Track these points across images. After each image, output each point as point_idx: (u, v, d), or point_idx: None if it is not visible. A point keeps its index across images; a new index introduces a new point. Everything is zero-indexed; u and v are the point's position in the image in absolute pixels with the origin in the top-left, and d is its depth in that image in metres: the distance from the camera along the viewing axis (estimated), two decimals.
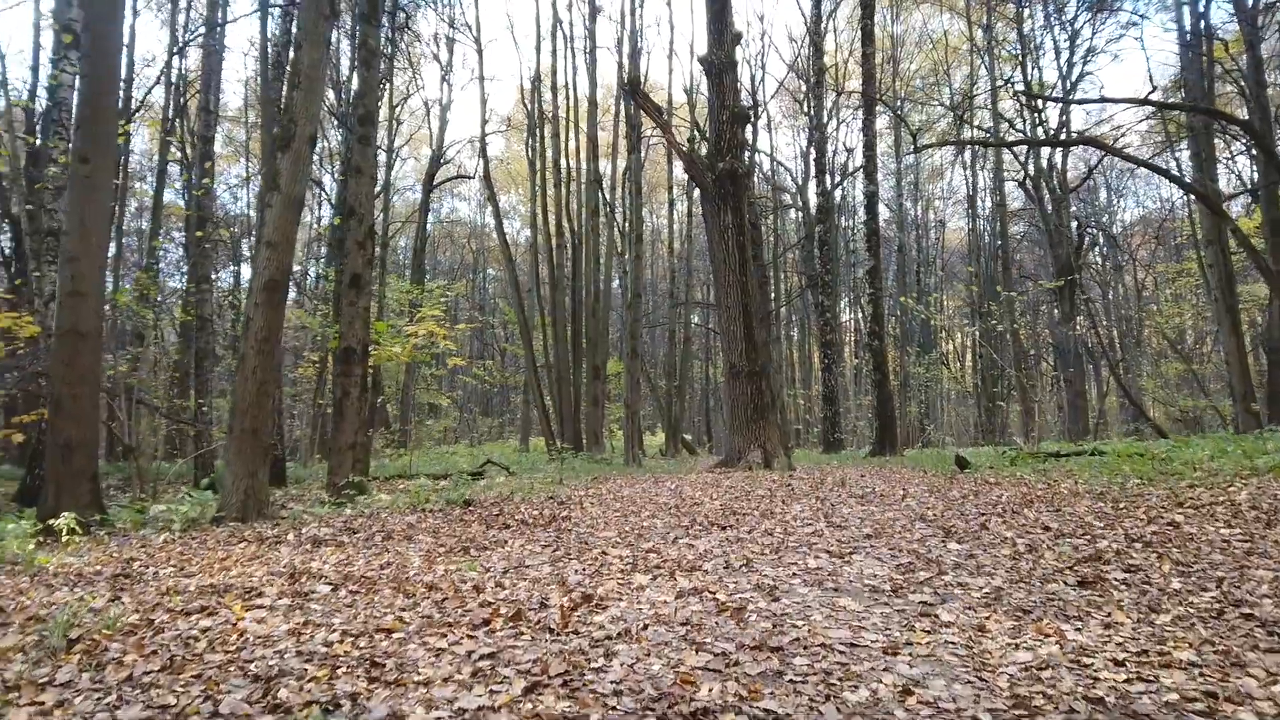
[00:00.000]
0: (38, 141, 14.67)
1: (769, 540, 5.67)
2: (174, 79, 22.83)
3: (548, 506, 8.38)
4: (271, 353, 7.70)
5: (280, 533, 6.48)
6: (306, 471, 17.91)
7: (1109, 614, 3.80)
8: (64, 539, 6.31)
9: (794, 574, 4.58)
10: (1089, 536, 5.49)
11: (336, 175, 25.52)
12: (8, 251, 16.25)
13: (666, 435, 29.39)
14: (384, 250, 26.55)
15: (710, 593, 4.18)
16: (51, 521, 6.50)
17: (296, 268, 26.15)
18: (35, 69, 17.87)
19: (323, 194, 29.46)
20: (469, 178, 38.33)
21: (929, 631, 3.58)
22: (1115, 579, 4.36)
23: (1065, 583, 4.34)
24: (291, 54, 8.68)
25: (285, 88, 8.76)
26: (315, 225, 32.08)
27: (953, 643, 3.44)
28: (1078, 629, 3.60)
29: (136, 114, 22.63)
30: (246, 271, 25.65)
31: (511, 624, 3.71)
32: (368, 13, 11.67)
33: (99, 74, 7.59)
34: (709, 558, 5.06)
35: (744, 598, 4.07)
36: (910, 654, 3.30)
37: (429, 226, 33.46)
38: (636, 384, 21.05)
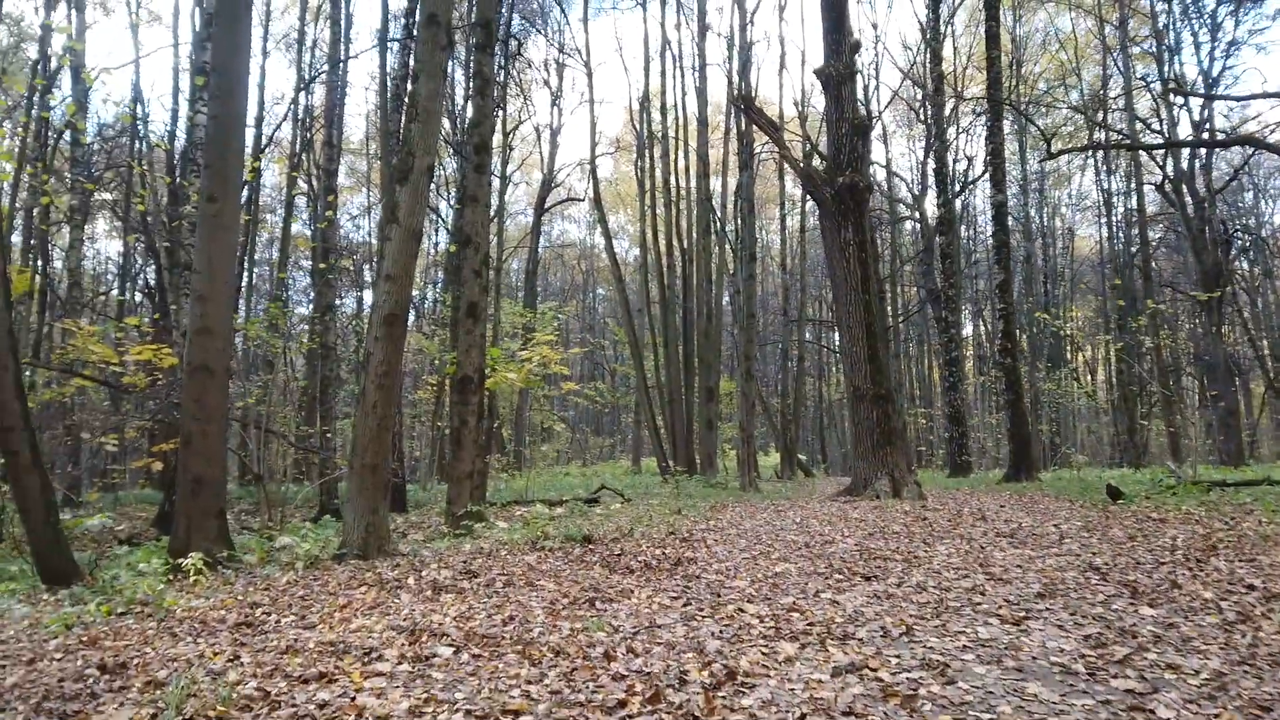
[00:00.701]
0: (176, 180, 15.41)
1: (923, 598, 5.09)
2: (300, 115, 23.86)
3: (670, 544, 7.97)
4: (391, 387, 7.61)
5: (400, 575, 6.30)
6: (426, 494, 18.13)
7: None
8: (191, 578, 6.32)
9: (964, 646, 4.02)
10: None
11: (452, 203, 26.05)
12: (152, 284, 17.14)
13: (781, 457, 28.62)
14: (497, 274, 26.88)
15: (871, 670, 3.68)
16: (181, 561, 6.54)
17: (414, 293, 26.75)
18: (174, 111, 18.93)
19: (439, 221, 30.16)
20: (579, 200, 38.69)
21: None
22: None
23: None
24: (409, 86, 8.66)
25: (403, 119, 8.76)
26: (432, 251, 32.89)
27: None
28: None
29: (266, 149, 23.71)
30: (369, 297, 26.41)
31: (649, 706, 3.31)
32: (483, 42, 11.67)
33: (226, 115, 7.71)
34: (861, 621, 4.54)
35: (912, 679, 3.55)
36: None
37: (540, 249, 33.84)
38: (752, 406, 20.47)
